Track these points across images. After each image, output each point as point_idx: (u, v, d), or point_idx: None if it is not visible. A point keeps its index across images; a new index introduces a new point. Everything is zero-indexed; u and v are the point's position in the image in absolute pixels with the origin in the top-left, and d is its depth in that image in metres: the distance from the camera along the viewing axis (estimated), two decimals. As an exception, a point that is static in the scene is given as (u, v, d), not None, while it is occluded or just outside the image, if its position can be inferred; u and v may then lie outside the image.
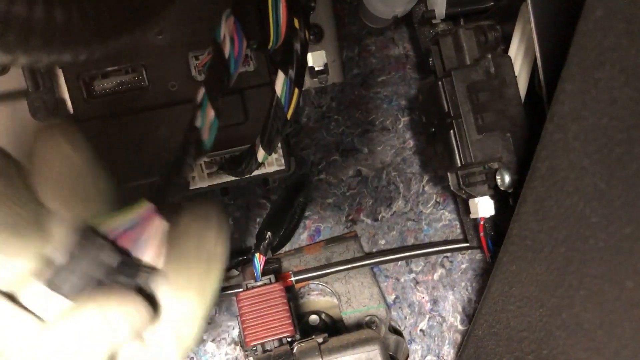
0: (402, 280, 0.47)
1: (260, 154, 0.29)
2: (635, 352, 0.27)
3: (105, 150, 0.36)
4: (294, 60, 0.24)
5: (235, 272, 0.45)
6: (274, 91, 0.25)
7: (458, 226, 0.47)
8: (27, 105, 0.36)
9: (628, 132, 0.24)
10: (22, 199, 0.21)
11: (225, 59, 0.24)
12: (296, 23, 0.24)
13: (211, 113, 0.24)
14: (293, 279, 0.43)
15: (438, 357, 0.47)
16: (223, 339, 0.46)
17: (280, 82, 0.25)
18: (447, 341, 0.47)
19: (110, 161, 0.24)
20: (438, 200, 0.47)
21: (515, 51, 0.37)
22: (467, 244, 0.45)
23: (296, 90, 0.25)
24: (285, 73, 0.24)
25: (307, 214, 0.46)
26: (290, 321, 0.39)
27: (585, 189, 0.27)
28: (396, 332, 0.46)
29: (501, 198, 0.38)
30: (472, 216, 0.40)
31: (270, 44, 0.25)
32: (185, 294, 0.24)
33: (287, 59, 0.24)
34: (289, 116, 0.25)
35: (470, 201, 0.39)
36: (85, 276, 0.22)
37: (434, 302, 0.47)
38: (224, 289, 0.43)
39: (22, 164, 0.23)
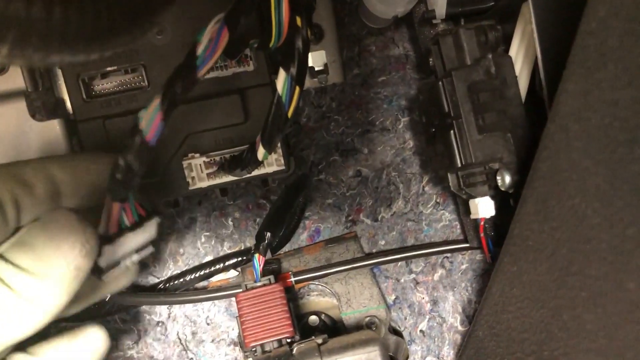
0: (402, 280, 0.47)
1: (260, 152, 0.28)
2: (637, 353, 0.27)
3: (104, 151, 0.36)
4: (296, 58, 0.24)
5: (234, 273, 0.45)
6: (275, 89, 0.25)
7: (458, 227, 0.47)
8: (26, 105, 0.36)
9: (631, 133, 0.24)
10: None
11: (195, 57, 0.24)
12: (298, 21, 0.24)
13: (156, 102, 0.24)
14: (293, 279, 0.43)
15: (438, 357, 0.47)
16: (222, 339, 0.46)
17: (281, 79, 0.25)
18: (447, 342, 0.47)
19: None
20: (438, 200, 0.47)
21: (516, 51, 0.37)
22: (468, 245, 0.45)
23: (297, 88, 0.25)
24: (287, 71, 0.24)
25: (306, 214, 0.46)
26: (289, 322, 0.38)
27: (587, 189, 0.27)
28: (396, 332, 0.46)
29: (502, 199, 0.38)
30: (472, 217, 0.40)
31: (272, 42, 0.25)
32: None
33: (288, 57, 0.24)
34: (289, 114, 0.25)
35: (471, 202, 0.39)
36: None
37: (434, 302, 0.47)
38: (223, 289, 0.43)
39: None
